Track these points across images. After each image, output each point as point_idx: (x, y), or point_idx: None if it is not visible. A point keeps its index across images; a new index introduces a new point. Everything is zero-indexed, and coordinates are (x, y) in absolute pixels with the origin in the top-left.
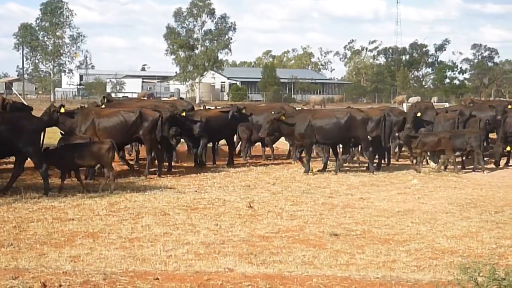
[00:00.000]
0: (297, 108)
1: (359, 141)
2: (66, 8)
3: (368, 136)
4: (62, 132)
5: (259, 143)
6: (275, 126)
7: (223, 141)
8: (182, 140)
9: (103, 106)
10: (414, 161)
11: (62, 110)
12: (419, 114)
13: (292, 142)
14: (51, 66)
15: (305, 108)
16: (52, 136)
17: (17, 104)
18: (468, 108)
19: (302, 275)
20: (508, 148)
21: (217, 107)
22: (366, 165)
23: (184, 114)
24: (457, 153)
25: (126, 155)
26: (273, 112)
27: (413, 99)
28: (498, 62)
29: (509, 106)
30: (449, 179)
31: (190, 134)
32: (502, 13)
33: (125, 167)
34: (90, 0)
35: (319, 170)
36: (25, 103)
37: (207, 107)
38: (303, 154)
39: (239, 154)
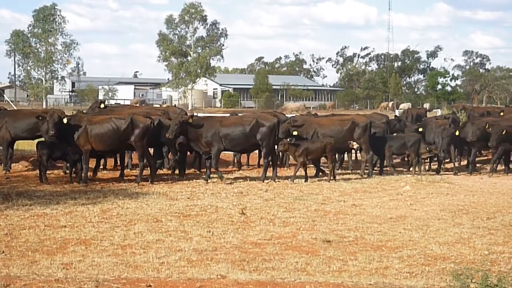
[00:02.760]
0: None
1: (262, 147)
2: (59, 15)
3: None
4: None
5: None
6: (183, 129)
7: None
8: None
9: (102, 106)
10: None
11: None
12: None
13: (198, 149)
14: (43, 73)
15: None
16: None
17: None
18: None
19: (295, 281)
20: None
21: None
22: (358, 171)
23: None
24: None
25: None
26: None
27: (404, 106)
28: (489, 69)
29: (501, 113)
30: (441, 186)
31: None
32: (492, 20)
33: (117, 173)
34: (81, 7)
35: (307, 177)
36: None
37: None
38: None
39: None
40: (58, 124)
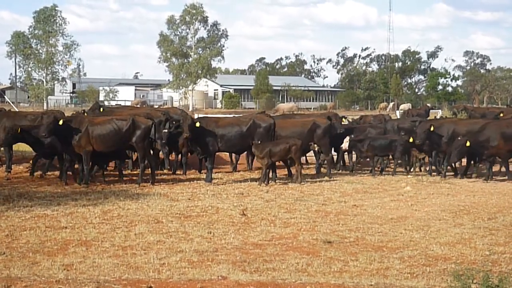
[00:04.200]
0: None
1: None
2: (59, 16)
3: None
4: None
5: None
6: (54, 128)
7: None
8: None
9: (101, 110)
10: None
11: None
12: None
13: (66, 150)
14: (44, 74)
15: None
16: None
17: None
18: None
19: (296, 282)
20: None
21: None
22: (359, 172)
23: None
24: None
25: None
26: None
27: (404, 106)
28: (490, 69)
29: (501, 114)
30: (442, 186)
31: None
32: (492, 20)
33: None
34: (81, 8)
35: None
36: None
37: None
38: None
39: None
40: (52, 125)
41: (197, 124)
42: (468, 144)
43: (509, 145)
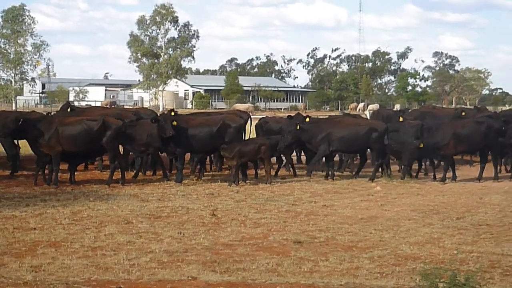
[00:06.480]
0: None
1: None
2: (28, 16)
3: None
4: None
5: None
6: (21, 127)
7: None
8: None
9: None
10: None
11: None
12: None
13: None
14: (13, 74)
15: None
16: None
17: None
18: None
19: (266, 282)
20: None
21: None
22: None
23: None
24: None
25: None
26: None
27: (372, 107)
28: (459, 70)
29: (463, 113)
30: (412, 186)
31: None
32: (461, 21)
33: (88, 175)
34: (49, 7)
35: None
36: None
37: None
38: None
39: None
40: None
41: (174, 123)
42: (421, 145)
43: (461, 146)
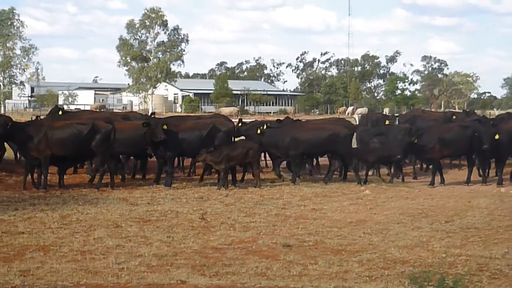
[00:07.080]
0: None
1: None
2: (17, 19)
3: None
4: None
5: None
6: (9, 132)
7: None
8: None
9: (60, 113)
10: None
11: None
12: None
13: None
14: (1, 78)
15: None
16: None
17: None
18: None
19: (255, 286)
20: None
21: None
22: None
23: None
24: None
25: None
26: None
27: (361, 110)
28: (447, 74)
29: (454, 117)
30: (401, 190)
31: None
32: (449, 25)
33: (78, 179)
34: (38, 11)
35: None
36: None
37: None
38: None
39: None
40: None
41: (164, 127)
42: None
43: (446, 150)
